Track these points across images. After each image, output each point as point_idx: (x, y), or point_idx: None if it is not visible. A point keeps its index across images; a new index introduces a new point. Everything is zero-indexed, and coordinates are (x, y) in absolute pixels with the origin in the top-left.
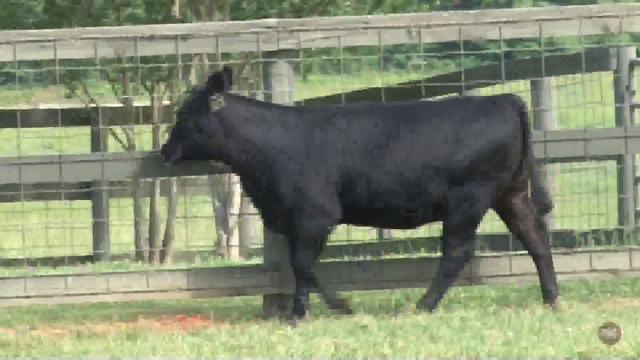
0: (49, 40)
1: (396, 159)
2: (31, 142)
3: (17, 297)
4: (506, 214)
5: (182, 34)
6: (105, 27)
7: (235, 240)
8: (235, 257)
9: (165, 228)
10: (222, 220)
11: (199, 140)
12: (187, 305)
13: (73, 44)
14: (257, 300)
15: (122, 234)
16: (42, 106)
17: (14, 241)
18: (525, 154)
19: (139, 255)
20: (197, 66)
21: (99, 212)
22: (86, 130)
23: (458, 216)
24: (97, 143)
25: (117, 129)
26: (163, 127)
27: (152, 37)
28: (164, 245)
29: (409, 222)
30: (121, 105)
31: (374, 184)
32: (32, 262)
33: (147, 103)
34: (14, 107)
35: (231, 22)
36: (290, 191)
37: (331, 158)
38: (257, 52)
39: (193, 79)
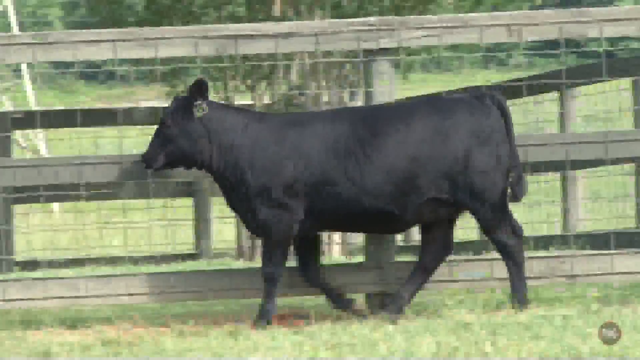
0: (150, 39)
1: (383, 161)
2: (133, 140)
3: (120, 295)
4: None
5: (283, 32)
6: (206, 26)
7: (337, 238)
8: (337, 255)
9: None
10: None
11: (183, 147)
12: (289, 303)
13: (174, 42)
14: (359, 298)
15: (223, 231)
16: (144, 104)
17: (117, 239)
18: (509, 146)
19: (240, 253)
20: (298, 65)
21: (201, 210)
22: None
23: (482, 211)
24: None
25: None
26: None
27: (252, 36)
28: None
29: (398, 225)
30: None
31: (360, 187)
32: (135, 260)
33: (249, 101)
34: (116, 106)
35: (332, 20)
36: (256, 190)
37: (307, 160)
38: (358, 50)
39: (294, 77)
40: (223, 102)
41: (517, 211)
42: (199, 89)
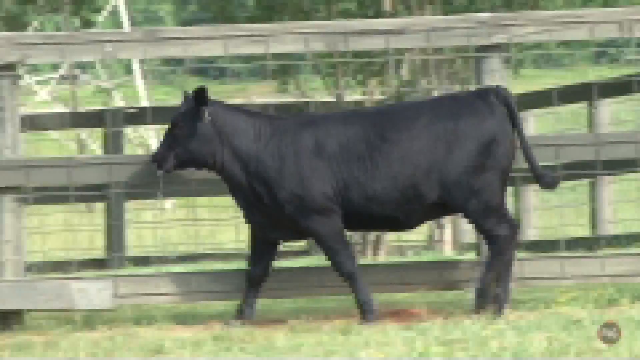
0: (261, 35)
1: (387, 163)
2: None
3: (231, 291)
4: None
5: (394, 28)
6: (316, 22)
7: (448, 234)
8: (448, 252)
9: None
10: None
11: (194, 148)
12: (400, 299)
13: (284, 38)
14: (471, 294)
15: None
16: (257, 100)
17: (228, 235)
18: (520, 138)
19: (361, 249)
20: (408, 61)
21: None
22: None
23: (472, 206)
24: None
25: None
26: None
27: (363, 32)
28: (377, 239)
29: (401, 225)
30: (334, 99)
31: (367, 188)
32: (246, 257)
33: (360, 97)
34: (229, 102)
35: (442, 16)
36: (291, 196)
37: (325, 161)
38: (469, 46)
39: (405, 73)
40: (232, 104)
41: (631, 210)
42: (202, 98)
